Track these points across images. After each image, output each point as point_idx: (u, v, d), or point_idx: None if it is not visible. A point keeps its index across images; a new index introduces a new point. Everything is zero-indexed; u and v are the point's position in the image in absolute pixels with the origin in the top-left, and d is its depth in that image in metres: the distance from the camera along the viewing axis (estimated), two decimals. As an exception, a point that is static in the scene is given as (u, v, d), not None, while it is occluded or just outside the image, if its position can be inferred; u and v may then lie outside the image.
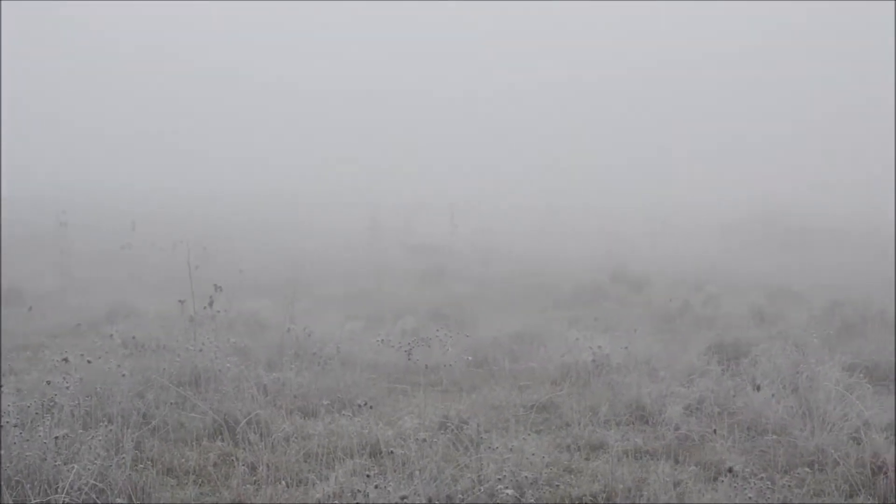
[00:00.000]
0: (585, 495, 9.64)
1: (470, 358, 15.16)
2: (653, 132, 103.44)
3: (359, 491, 9.10)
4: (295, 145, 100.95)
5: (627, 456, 10.69)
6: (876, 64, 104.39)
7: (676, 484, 9.71)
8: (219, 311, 14.40)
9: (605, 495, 9.63)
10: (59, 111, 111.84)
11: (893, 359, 15.38)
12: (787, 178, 77.16)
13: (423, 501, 8.95)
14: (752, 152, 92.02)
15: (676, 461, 10.67)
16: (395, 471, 9.53)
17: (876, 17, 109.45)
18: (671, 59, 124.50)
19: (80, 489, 9.06)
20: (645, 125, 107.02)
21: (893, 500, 9.63)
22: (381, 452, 10.32)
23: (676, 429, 11.67)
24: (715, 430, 11.42)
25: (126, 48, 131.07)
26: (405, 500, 8.81)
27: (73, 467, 9.22)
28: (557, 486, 9.79)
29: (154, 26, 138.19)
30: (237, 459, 10.39)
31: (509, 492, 9.16)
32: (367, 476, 9.21)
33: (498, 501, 9.12)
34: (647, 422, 12.29)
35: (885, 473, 9.90)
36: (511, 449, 10.03)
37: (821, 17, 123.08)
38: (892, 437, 10.76)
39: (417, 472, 9.36)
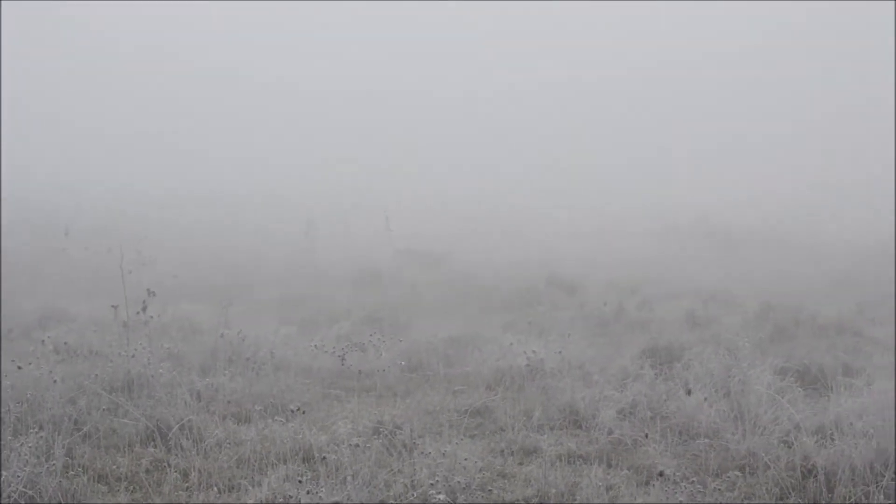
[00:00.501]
0: (518, 500, 9.66)
1: (403, 363, 15.18)
2: (644, 132, 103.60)
3: (291, 496, 9.08)
4: (294, 145, 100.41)
5: (561, 460, 10.71)
6: (876, 64, 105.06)
7: (609, 488, 9.76)
8: (152, 317, 14.31)
9: (537, 500, 9.65)
10: (59, 111, 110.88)
11: (824, 362, 15.51)
12: (786, 177, 77.47)
13: (356, 507, 8.94)
14: (748, 152, 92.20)
15: (609, 465, 10.70)
16: (327, 476, 9.52)
17: (876, 17, 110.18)
18: (671, 60, 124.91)
19: (9, 496, 8.97)
20: (636, 125, 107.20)
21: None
22: (313, 458, 10.31)
23: (609, 433, 11.70)
24: (647, 435, 11.47)
25: (126, 48, 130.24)
26: (337, 506, 8.81)
27: (1, 475, 9.15)
28: (490, 490, 9.80)
29: (154, 26, 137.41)
30: (169, 465, 10.32)
31: (441, 497, 9.17)
32: (300, 482, 9.19)
33: (430, 506, 9.14)
34: (580, 426, 12.31)
35: (815, 476, 9.98)
36: (444, 454, 10.04)
37: (821, 17, 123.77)
38: (823, 441, 10.85)
39: (350, 478, 9.35)
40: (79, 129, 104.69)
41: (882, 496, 9.56)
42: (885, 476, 9.87)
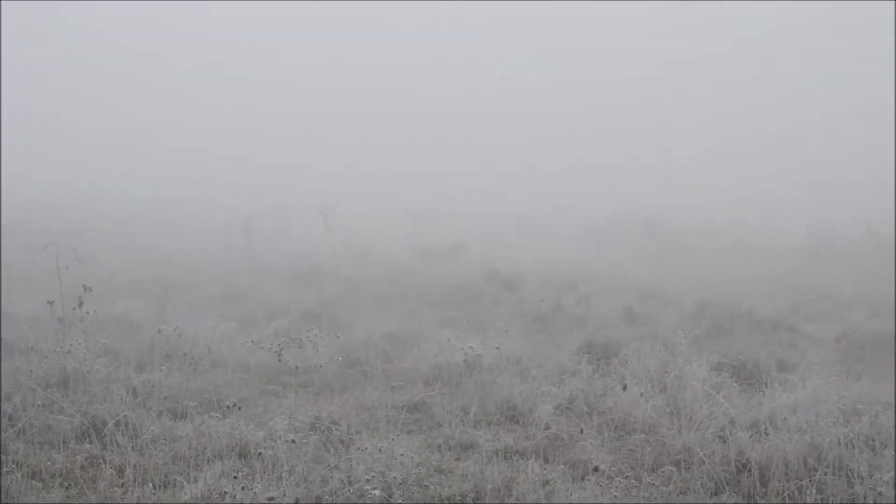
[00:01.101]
0: (455, 495, 9.67)
1: (340, 358, 15.15)
2: (635, 133, 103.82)
3: (226, 492, 9.05)
4: (290, 146, 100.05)
5: (497, 455, 10.75)
6: (876, 64, 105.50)
7: (545, 483, 9.79)
8: (88, 313, 14.19)
9: (474, 495, 9.66)
10: (57, 111, 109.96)
11: (759, 358, 15.62)
12: (763, 177, 77.79)
13: (291, 502, 8.92)
14: (733, 152, 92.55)
15: (546, 460, 10.74)
16: (263, 472, 9.50)
17: (876, 17, 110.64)
18: (670, 60, 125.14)
19: (-59, 493, 8.91)
20: (622, 126, 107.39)
21: (757, 498, 9.78)
22: (250, 454, 10.29)
23: (546, 428, 11.74)
24: (582, 430, 11.50)
25: (126, 48, 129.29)
26: (273, 501, 8.78)
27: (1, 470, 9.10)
28: (427, 486, 9.81)
29: (153, 26, 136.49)
30: (104, 462, 10.26)
31: (377, 492, 9.17)
32: (235, 477, 9.17)
33: (366, 502, 9.13)
34: (517, 421, 12.35)
35: (749, 471, 10.06)
36: (380, 449, 10.05)
37: (821, 17, 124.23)
38: (757, 436, 10.93)
39: (286, 474, 9.34)
40: (74, 128, 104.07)
41: (815, 491, 9.64)
42: (817, 471, 9.96)
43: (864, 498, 9.43)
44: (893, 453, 10.29)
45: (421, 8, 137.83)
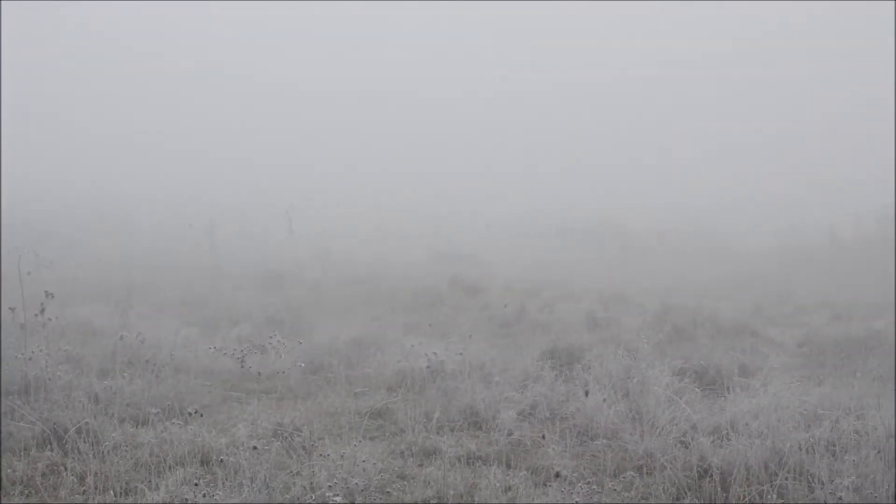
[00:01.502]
0: (417, 501, 9.68)
1: (302, 364, 15.13)
2: (625, 134, 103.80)
3: (188, 499, 9.03)
4: (287, 146, 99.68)
5: (460, 461, 10.75)
6: (876, 64, 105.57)
7: (507, 489, 9.81)
8: (50, 319, 14.12)
9: (436, 501, 9.67)
10: (53, 111, 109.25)
11: (721, 362, 15.68)
12: (784, 177, 77.82)
13: (253, 509, 8.92)
14: (741, 152, 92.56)
15: (508, 466, 10.76)
16: (225, 479, 9.48)
17: (876, 17, 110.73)
18: (669, 60, 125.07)
19: None
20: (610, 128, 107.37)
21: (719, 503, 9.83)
22: (212, 461, 10.27)
23: (509, 434, 11.75)
24: (544, 436, 11.53)
25: (126, 48, 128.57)
26: (234, 509, 8.78)
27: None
28: (389, 492, 9.82)
29: (153, 26, 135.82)
30: (66, 469, 10.21)
31: (338, 499, 9.17)
32: (196, 484, 9.15)
33: (327, 509, 9.14)
34: (480, 427, 12.35)
35: (711, 476, 10.10)
36: (343, 456, 10.05)
37: (821, 17, 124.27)
38: (719, 441, 10.98)
39: (248, 480, 9.33)
40: (74, 128, 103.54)
41: (776, 495, 9.69)
42: (778, 475, 10.01)
43: (825, 503, 9.48)
44: (853, 458, 10.34)
45: (421, 8, 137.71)
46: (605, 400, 12.49)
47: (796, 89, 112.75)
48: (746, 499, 9.74)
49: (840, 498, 9.43)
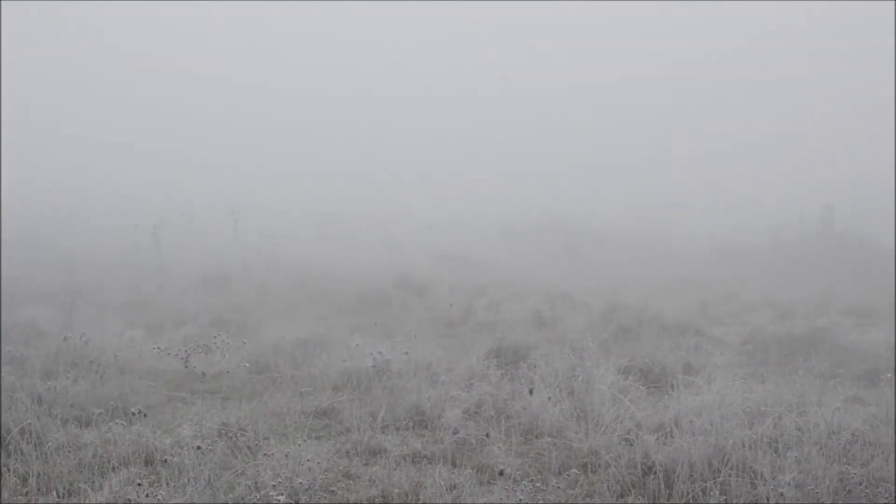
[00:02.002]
0: (362, 500, 9.67)
1: (247, 364, 15.10)
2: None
3: (131, 499, 8.99)
4: (283, 151, 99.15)
5: (406, 460, 10.75)
6: (876, 64, 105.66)
7: (452, 487, 9.82)
8: (-9, 320, 14.06)
9: (381, 500, 9.67)
10: (57, 110, 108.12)
11: (666, 361, 15.76)
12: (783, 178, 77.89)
13: (197, 509, 8.89)
14: (741, 152, 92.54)
15: (454, 465, 10.75)
16: (169, 479, 9.45)
17: (876, 17, 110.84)
18: (670, 60, 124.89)
19: None
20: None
21: (662, 501, 9.88)
22: (156, 461, 10.23)
23: (455, 433, 11.76)
24: (488, 434, 11.56)
25: (122, 49, 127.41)
26: (177, 509, 8.75)
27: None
28: (334, 491, 9.81)
29: (153, 26, 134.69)
30: (8, 470, 10.14)
31: (282, 498, 9.15)
32: (139, 484, 9.11)
33: (271, 508, 9.12)
34: (426, 426, 12.35)
35: (655, 473, 10.16)
36: (287, 455, 10.03)
37: (821, 17, 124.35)
38: (663, 438, 11.04)
39: (192, 480, 9.30)
40: (74, 128, 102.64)
41: (719, 492, 9.75)
42: (721, 472, 10.08)
43: (767, 499, 9.56)
44: (795, 455, 10.42)
45: (421, 8, 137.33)
46: (550, 398, 12.54)
47: (796, 89, 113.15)
48: (690, 496, 9.80)
49: (782, 494, 9.50)
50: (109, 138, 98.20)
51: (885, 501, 9.66)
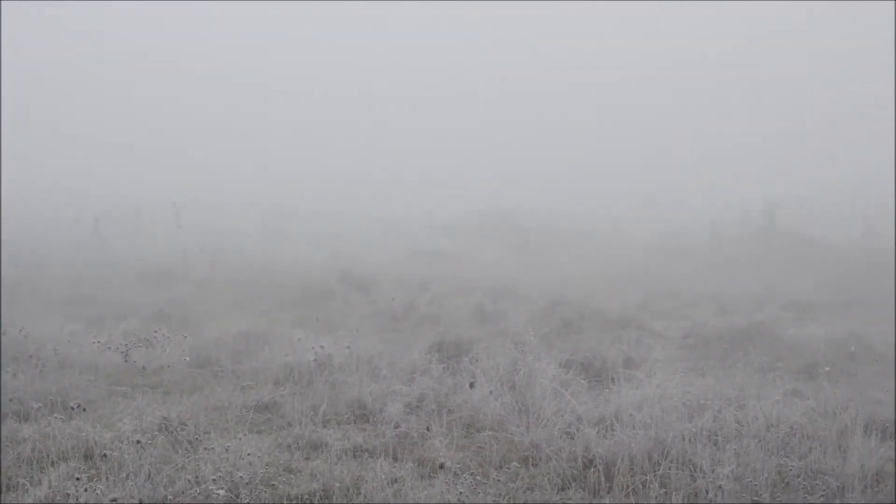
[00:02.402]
0: (303, 494, 9.65)
1: (187, 358, 15.03)
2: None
3: (70, 494, 8.94)
4: (297, 150, 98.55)
5: (347, 454, 10.75)
6: (876, 64, 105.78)
7: (393, 481, 9.82)
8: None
9: (322, 494, 9.65)
10: (55, 112, 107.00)
11: (607, 355, 15.84)
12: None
13: (136, 503, 8.84)
14: (742, 152, 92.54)
15: (395, 459, 10.76)
16: (109, 473, 9.40)
17: (876, 17, 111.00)
18: (670, 60, 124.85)
19: None
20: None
21: (602, 494, 9.92)
22: (95, 455, 10.17)
23: (396, 427, 11.76)
24: (428, 428, 11.57)
25: (124, 49, 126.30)
26: (117, 502, 8.69)
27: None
28: (275, 485, 9.78)
29: (149, 27, 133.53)
30: (-54, 466, 10.07)
31: (222, 492, 9.12)
32: (78, 479, 9.06)
33: (211, 502, 9.08)
34: (367, 420, 12.35)
35: (595, 466, 10.20)
36: (227, 449, 9.99)
37: (821, 17, 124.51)
38: (604, 432, 11.09)
39: (132, 474, 9.25)
40: (73, 128, 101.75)
41: (658, 485, 9.80)
42: (661, 465, 10.14)
43: (706, 491, 9.62)
44: (734, 447, 10.50)
45: (421, 8, 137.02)
46: (491, 392, 12.57)
47: (796, 89, 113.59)
48: (630, 489, 9.85)
49: (721, 487, 9.56)
50: (109, 138, 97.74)
51: (823, 493, 9.75)
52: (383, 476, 9.81)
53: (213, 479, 9.32)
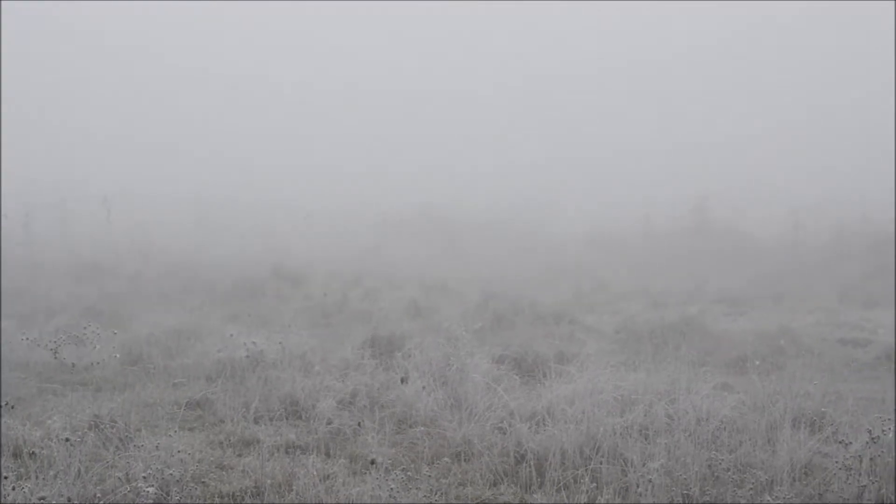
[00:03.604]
0: (235, 492, 9.62)
1: (118, 355, 14.93)
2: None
3: (-4, 493, 8.87)
4: (295, 145, 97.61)
5: (279, 451, 10.73)
6: (876, 63, 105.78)
7: (325, 477, 9.80)
8: None
9: (254, 490, 9.63)
10: (55, 111, 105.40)
11: (540, 350, 15.90)
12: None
13: (64, 502, 8.77)
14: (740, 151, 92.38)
15: (327, 455, 10.76)
16: (38, 472, 9.32)
17: (876, 17, 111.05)
18: (670, 59, 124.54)
19: None
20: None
21: (534, 488, 9.96)
22: (23, 453, 10.08)
23: (329, 423, 11.75)
24: (360, 423, 11.57)
25: (119, 48, 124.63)
26: (44, 501, 8.62)
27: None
28: (206, 482, 9.75)
29: (148, 27, 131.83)
30: None
31: (151, 490, 9.08)
32: (6, 478, 8.98)
33: (140, 501, 9.03)
34: (299, 416, 12.35)
35: (528, 461, 10.24)
36: (158, 447, 9.94)
37: (821, 17, 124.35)
38: (536, 427, 11.13)
39: (62, 473, 9.18)
40: (74, 128, 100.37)
41: (590, 479, 9.85)
42: (593, 459, 10.20)
43: (637, 485, 9.68)
44: (665, 441, 10.57)
45: (421, 8, 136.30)
46: (424, 388, 12.61)
47: (796, 89, 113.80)
48: (561, 483, 9.89)
49: (651, 480, 9.63)
50: (109, 135, 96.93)
51: (752, 487, 9.83)
52: (315, 473, 9.79)
53: (144, 477, 9.26)
